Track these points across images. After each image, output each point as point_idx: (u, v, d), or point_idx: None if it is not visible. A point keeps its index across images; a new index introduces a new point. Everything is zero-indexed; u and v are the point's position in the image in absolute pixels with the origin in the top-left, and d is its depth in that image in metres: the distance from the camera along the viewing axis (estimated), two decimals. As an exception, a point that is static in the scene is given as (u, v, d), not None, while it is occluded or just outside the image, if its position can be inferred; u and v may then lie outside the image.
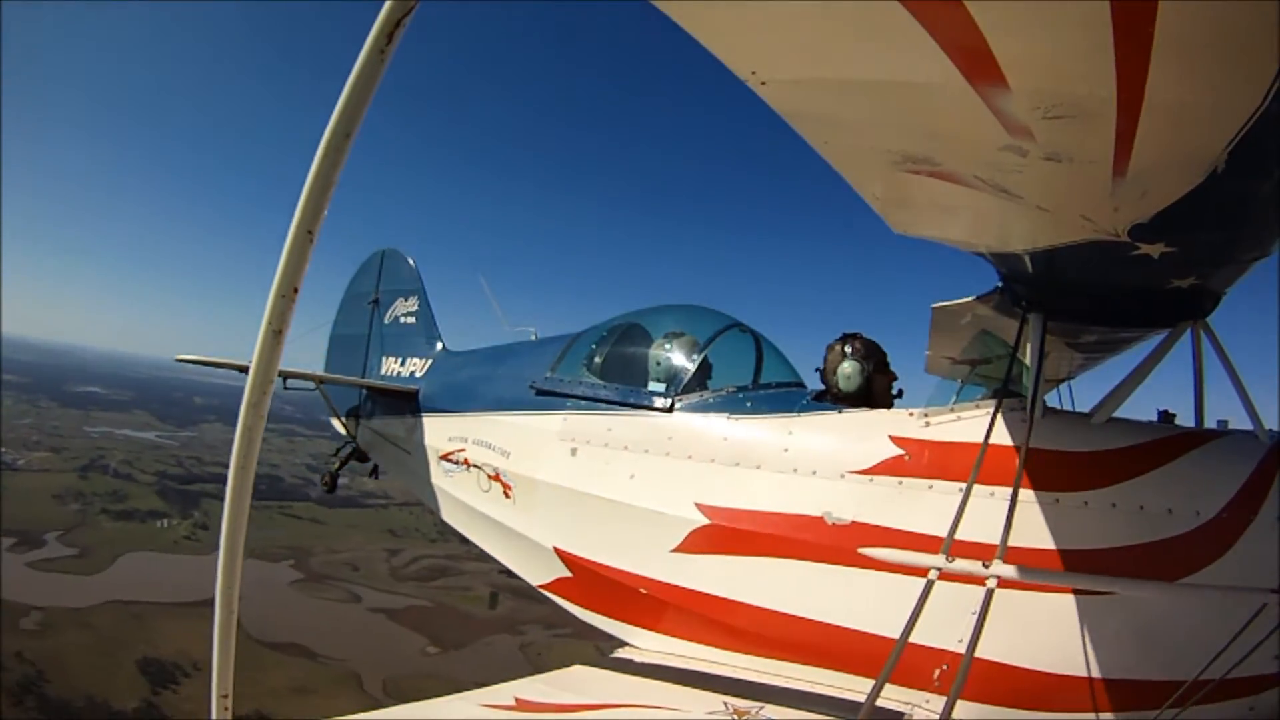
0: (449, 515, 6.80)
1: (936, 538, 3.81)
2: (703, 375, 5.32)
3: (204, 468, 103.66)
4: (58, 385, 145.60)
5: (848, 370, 4.78)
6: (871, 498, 4.22)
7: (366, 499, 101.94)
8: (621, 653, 4.92)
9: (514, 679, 4.20)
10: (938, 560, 3.51)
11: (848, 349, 4.86)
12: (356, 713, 3.50)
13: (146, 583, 71.52)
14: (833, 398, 4.85)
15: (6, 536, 75.39)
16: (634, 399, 5.33)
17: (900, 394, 4.95)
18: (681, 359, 5.44)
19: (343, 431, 8.56)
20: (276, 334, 2.00)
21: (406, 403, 7.52)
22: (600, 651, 5.01)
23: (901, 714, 3.84)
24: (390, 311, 8.75)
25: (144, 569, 75.11)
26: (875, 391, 4.83)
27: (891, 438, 4.31)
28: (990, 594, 3.29)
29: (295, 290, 1.96)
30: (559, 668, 4.57)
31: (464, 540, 6.71)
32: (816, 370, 4.98)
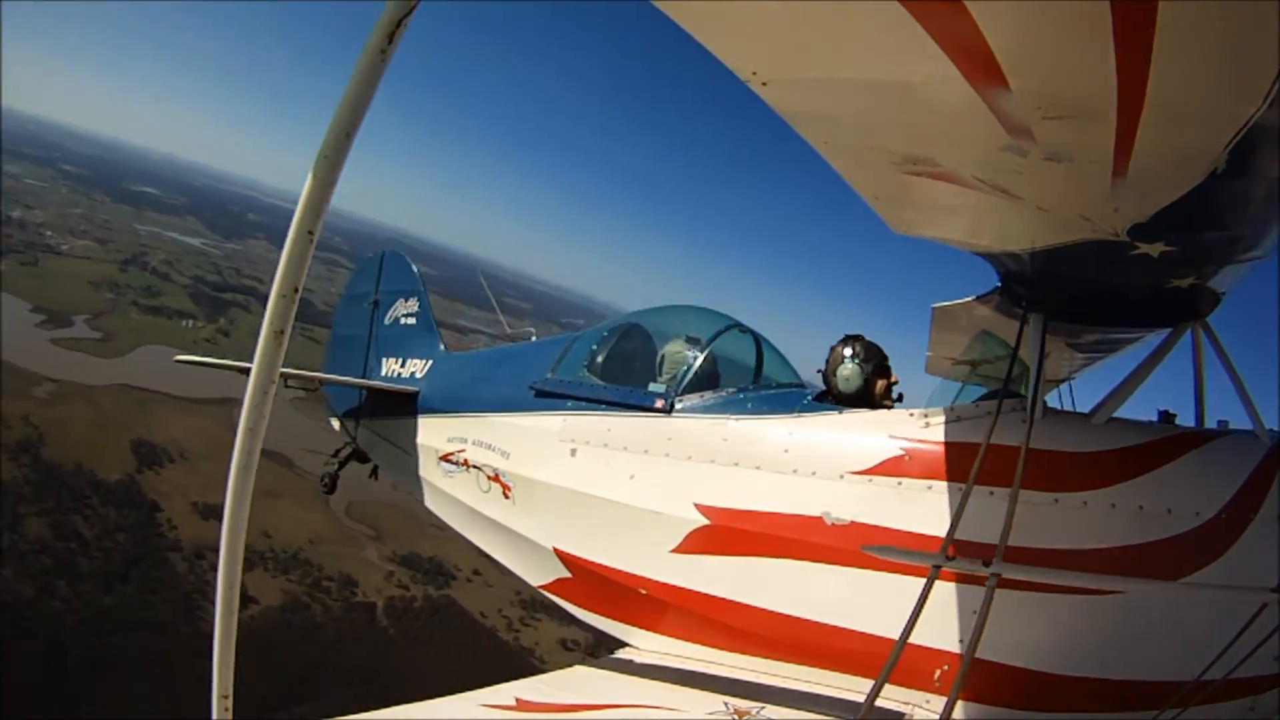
0: (449, 516, 6.79)
1: (936, 538, 3.81)
2: (703, 376, 5.32)
3: (240, 279, 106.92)
4: (115, 182, 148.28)
5: (848, 372, 4.78)
6: (871, 498, 4.22)
7: None
8: (621, 653, 4.92)
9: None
10: (938, 560, 3.51)
11: (849, 351, 4.86)
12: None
13: (158, 374, 75.98)
14: (833, 399, 4.86)
15: (37, 314, 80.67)
16: (634, 400, 5.33)
17: (900, 397, 4.96)
18: (681, 359, 5.44)
19: (343, 432, 8.56)
20: (278, 334, 1.99)
21: (406, 404, 7.51)
22: (600, 651, 5.01)
23: (901, 714, 3.84)
24: (390, 312, 8.75)
25: (159, 362, 78.76)
26: (875, 394, 4.83)
27: (891, 438, 4.31)
28: (990, 594, 3.29)
29: (296, 290, 1.96)
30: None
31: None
32: (818, 371, 4.98)
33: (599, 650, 5.14)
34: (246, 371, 2.08)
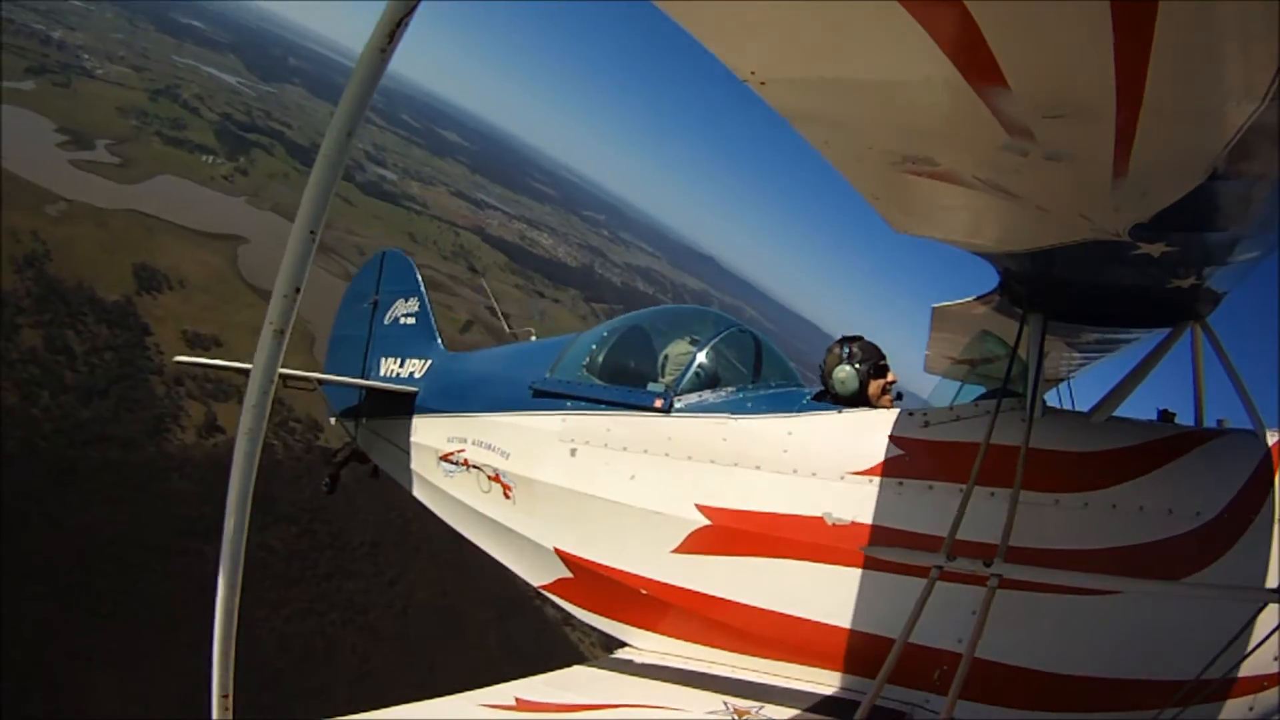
0: (450, 516, 6.79)
1: (936, 538, 3.81)
2: (702, 376, 5.32)
3: (269, 122, 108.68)
4: (163, 11, 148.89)
5: (844, 374, 4.78)
6: (871, 498, 4.22)
7: (404, 199, 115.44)
8: (621, 653, 4.92)
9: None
10: (938, 560, 3.51)
11: (846, 351, 4.86)
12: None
13: (171, 204, 79.47)
14: (832, 399, 4.86)
15: (60, 134, 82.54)
16: (634, 400, 5.33)
17: (900, 397, 4.96)
18: (681, 359, 5.44)
19: (344, 433, 8.55)
20: (278, 334, 1.99)
21: (406, 403, 7.52)
22: (600, 651, 5.02)
23: (902, 714, 3.84)
24: (390, 312, 8.75)
25: (174, 192, 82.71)
26: (874, 392, 4.83)
27: (891, 438, 4.31)
28: (991, 594, 3.29)
29: (298, 290, 1.96)
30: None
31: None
32: (819, 366, 4.99)
33: (599, 650, 5.15)
34: (245, 372, 2.08)
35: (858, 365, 4.79)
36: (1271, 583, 3.43)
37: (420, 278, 8.93)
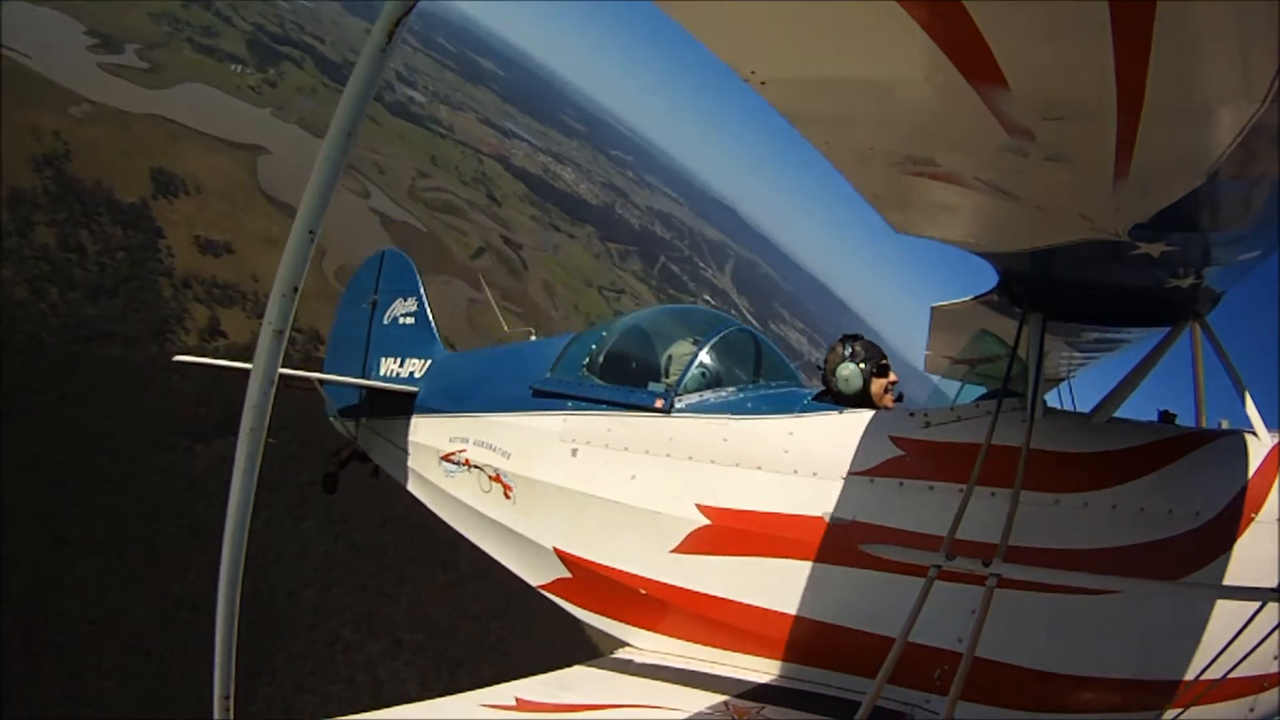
0: (450, 516, 6.79)
1: (937, 538, 3.81)
2: (703, 376, 5.32)
3: (301, 35, 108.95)
4: None
5: (847, 372, 4.78)
6: (872, 498, 4.22)
7: (430, 121, 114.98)
8: (621, 653, 4.92)
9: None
10: (938, 559, 3.51)
11: (849, 350, 4.86)
12: None
13: (196, 111, 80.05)
14: (833, 399, 4.86)
15: (90, 36, 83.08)
16: (634, 400, 5.32)
17: (901, 397, 4.95)
18: (681, 359, 5.44)
19: (342, 432, 8.55)
20: (278, 334, 1.99)
21: (406, 403, 7.51)
22: (599, 651, 5.02)
23: (901, 714, 3.84)
24: (389, 312, 8.75)
25: (200, 100, 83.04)
26: (875, 392, 4.83)
27: (892, 438, 4.31)
28: (990, 594, 3.29)
29: (296, 290, 1.96)
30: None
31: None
32: (817, 367, 4.98)
33: (599, 650, 5.15)
34: (246, 372, 2.08)
35: (861, 364, 4.78)
36: (1271, 583, 3.43)
37: (419, 277, 8.93)
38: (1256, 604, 3.31)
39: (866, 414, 4.58)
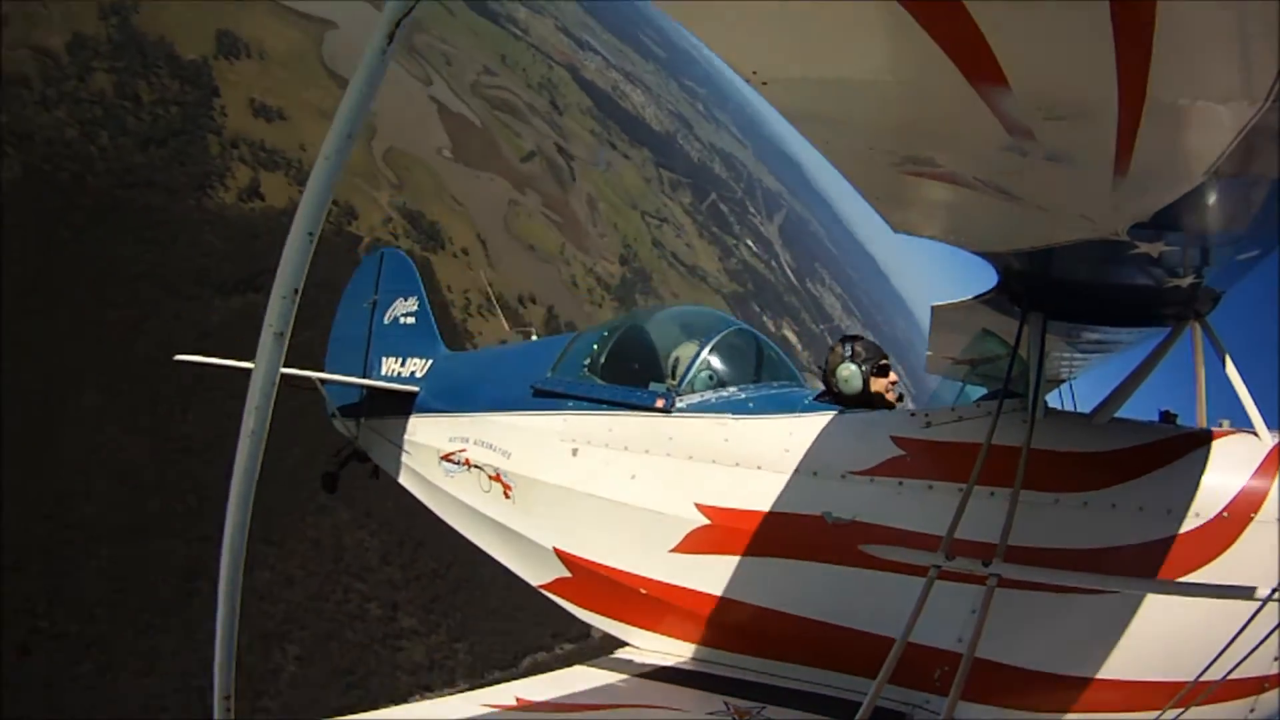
0: (450, 516, 6.79)
1: (937, 538, 3.81)
2: (704, 376, 5.32)
3: None
4: None
5: (847, 372, 4.78)
6: (872, 498, 4.22)
7: (506, 20, 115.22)
8: (621, 653, 4.92)
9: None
10: (938, 560, 3.51)
11: (850, 350, 4.86)
12: None
13: None
14: (833, 399, 4.86)
15: None
16: (635, 399, 5.33)
17: (901, 397, 4.95)
18: (682, 360, 5.44)
19: (343, 431, 8.55)
20: (279, 336, 1.99)
21: (406, 403, 7.51)
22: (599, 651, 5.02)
23: (902, 714, 3.85)
24: (390, 312, 8.75)
25: None
26: (875, 394, 4.83)
27: (892, 438, 4.31)
28: (990, 594, 3.29)
29: (296, 291, 1.96)
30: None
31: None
32: (819, 367, 4.98)
33: (599, 650, 5.16)
34: (247, 373, 2.08)
35: (861, 365, 4.79)
36: (1271, 583, 3.43)
37: (419, 277, 8.93)
38: (1256, 604, 3.32)
39: (867, 414, 4.58)
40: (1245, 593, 3.41)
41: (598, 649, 5.15)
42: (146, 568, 42.01)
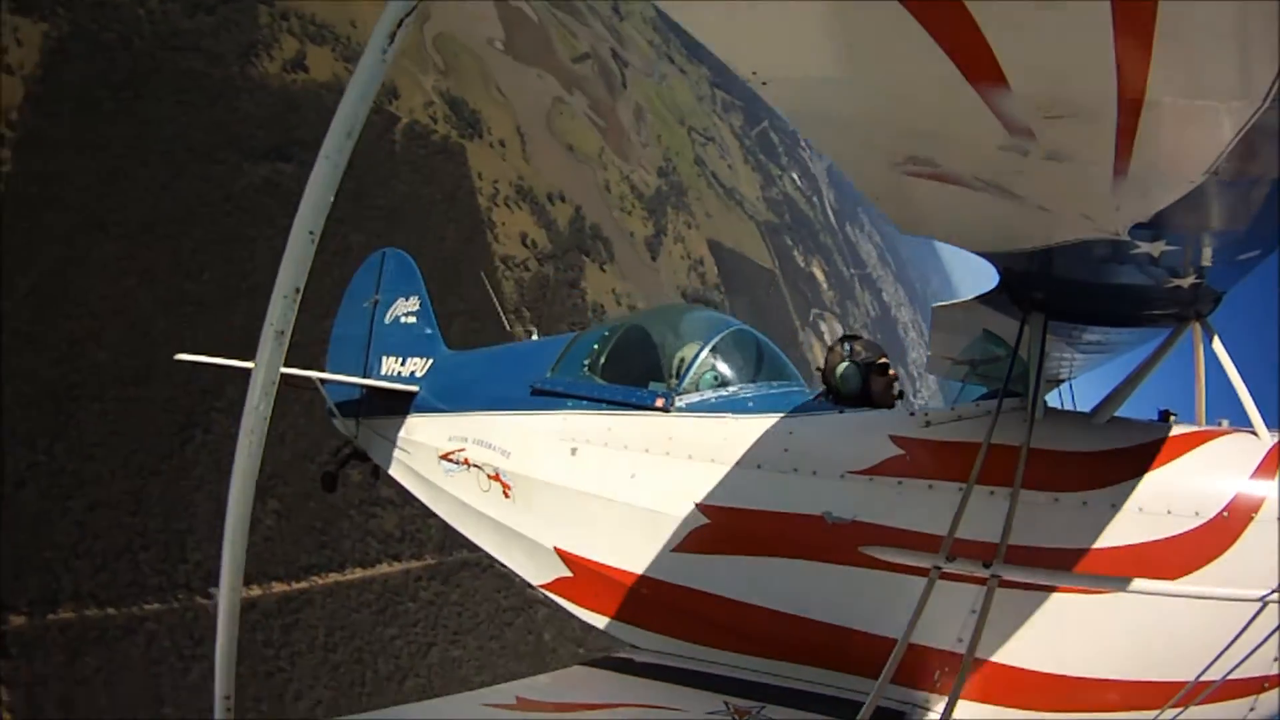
0: (449, 515, 6.79)
1: (937, 537, 3.81)
2: (704, 375, 5.32)
3: None
4: None
5: (847, 371, 4.78)
6: (872, 498, 4.22)
7: None
8: (621, 653, 4.92)
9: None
10: (938, 560, 3.51)
11: (849, 349, 4.86)
12: None
13: None
14: (833, 398, 4.86)
15: None
16: (634, 399, 5.33)
17: (901, 395, 4.95)
18: (682, 359, 5.44)
19: (342, 431, 8.55)
20: (279, 335, 1.99)
21: (407, 402, 7.52)
22: (600, 651, 5.03)
23: (902, 714, 3.85)
24: (391, 311, 8.75)
25: None
26: (875, 392, 4.83)
27: (892, 438, 4.31)
28: (990, 594, 3.29)
29: (298, 291, 1.96)
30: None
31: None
32: (817, 370, 4.98)
33: (599, 650, 5.16)
34: (247, 372, 2.08)
35: (860, 363, 4.79)
36: (1271, 583, 3.43)
37: (421, 277, 8.93)
38: (1256, 605, 3.32)
39: (867, 414, 4.58)
40: (1245, 594, 3.42)
41: (598, 649, 5.16)
42: (147, 414, 43.12)
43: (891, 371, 4.92)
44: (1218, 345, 3.92)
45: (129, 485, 41.26)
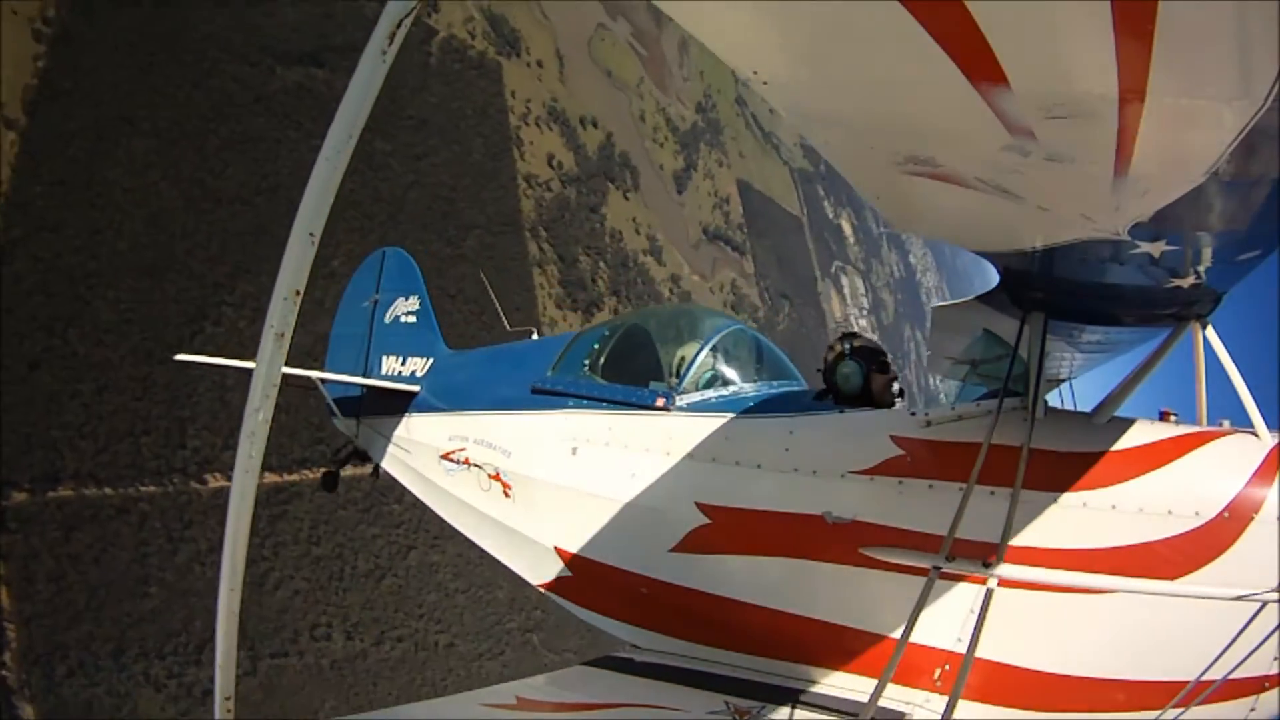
0: (449, 514, 6.80)
1: (937, 537, 3.81)
2: (704, 375, 5.33)
3: None
4: None
5: (847, 370, 4.78)
6: (872, 498, 4.22)
7: None
8: (621, 653, 4.92)
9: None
10: (938, 560, 3.51)
11: (848, 348, 4.86)
12: None
13: None
14: (833, 398, 4.85)
15: None
16: (635, 398, 5.33)
17: (901, 393, 4.95)
18: (682, 359, 5.44)
19: (343, 430, 8.56)
20: (279, 337, 1.99)
21: (407, 402, 7.52)
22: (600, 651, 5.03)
23: (902, 714, 3.85)
24: (391, 311, 8.75)
25: None
26: (875, 391, 4.83)
27: (892, 438, 4.31)
28: (990, 594, 3.29)
29: (298, 293, 1.96)
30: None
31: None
32: (818, 370, 4.98)
33: (599, 650, 5.16)
34: (249, 372, 2.07)
35: (860, 362, 4.79)
36: (1271, 583, 3.43)
37: (422, 276, 8.93)
38: (1256, 605, 3.32)
39: (867, 413, 4.58)
40: (1245, 593, 3.42)
41: (598, 649, 5.17)
42: (160, 305, 43.92)
43: (891, 370, 4.92)
44: (1218, 345, 3.92)
45: (136, 371, 42.03)
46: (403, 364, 8.21)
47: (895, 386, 4.92)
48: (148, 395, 42.00)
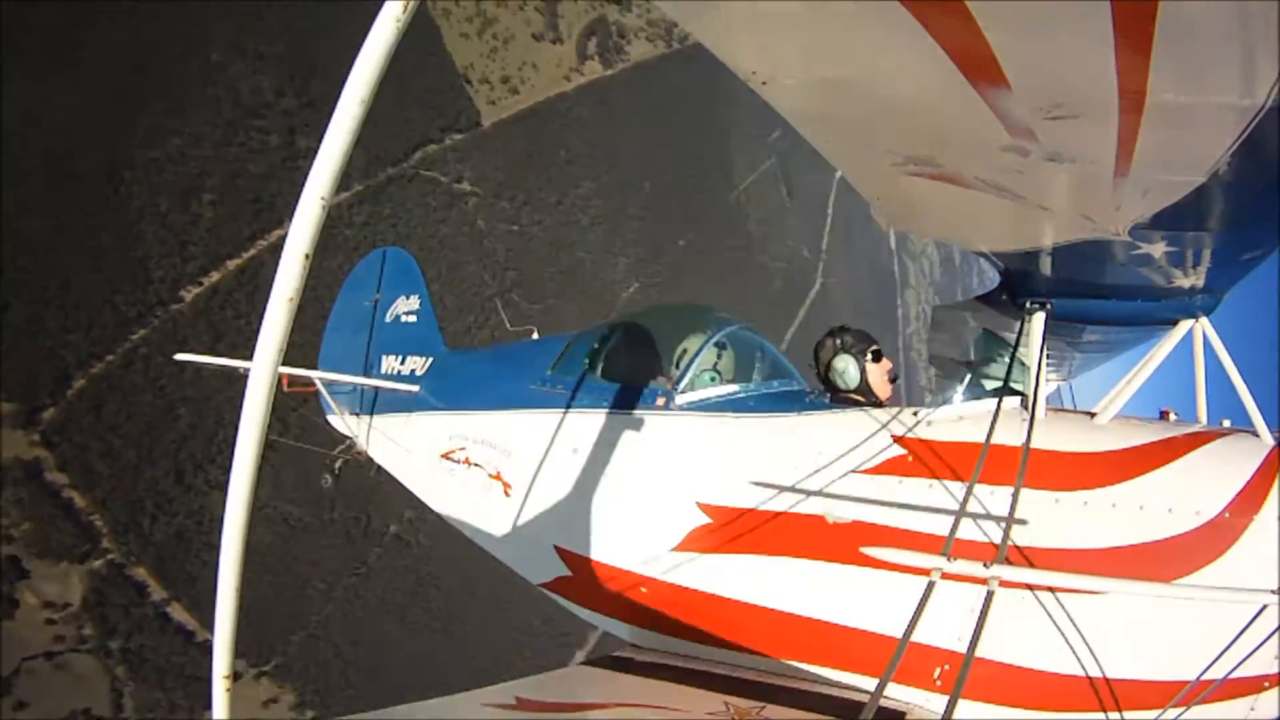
0: (449, 513, 6.80)
1: (938, 537, 3.81)
2: (704, 374, 5.32)
3: None
4: None
5: (843, 364, 4.78)
6: (873, 497, 4.22)
7: None
8: (621, 653, 4.92)
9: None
10: (938, 560, 3.51)
11: (840, 341, 4.86)
12: None
13: None
14: (831, 395, 4.85)
15: None
16: (635, 397, 5.33)
17: (896, 379, 4.95)
18: (683, 358, 5.44)
19: (343, 430, 8.56)
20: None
21: (406, 401, 7.52)
22: (600, 651, 5.03)
23: (902, 714, 3.85)
24: (391, 310, 8.75)
25: None
26: (873, 382, 4.83)
27: (893, 437, 4.31)
28: (990, 594, 3.29)
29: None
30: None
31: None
32: (809, 365, 4.99)
33: (599, 650, 5.17)
34: (247, 372, 2.07)
35: (856, 354, 4.78)
36: (1272, 583, 3.43)
37: (422, 276, 8.94)
38: (1256, 605, 3.31)
39: (867, 413, 4.58)
40: (1245, 593, 3.42)
41: (597, 649, 5.17)
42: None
43: (885, 359, 4.92)
44: (1218, 345, 3.92)
45: (75, 244, 41.50)
46: (402, 363, 8.22)
47: (890, 373, 4.91)
48: (104, 259, 41.88)
